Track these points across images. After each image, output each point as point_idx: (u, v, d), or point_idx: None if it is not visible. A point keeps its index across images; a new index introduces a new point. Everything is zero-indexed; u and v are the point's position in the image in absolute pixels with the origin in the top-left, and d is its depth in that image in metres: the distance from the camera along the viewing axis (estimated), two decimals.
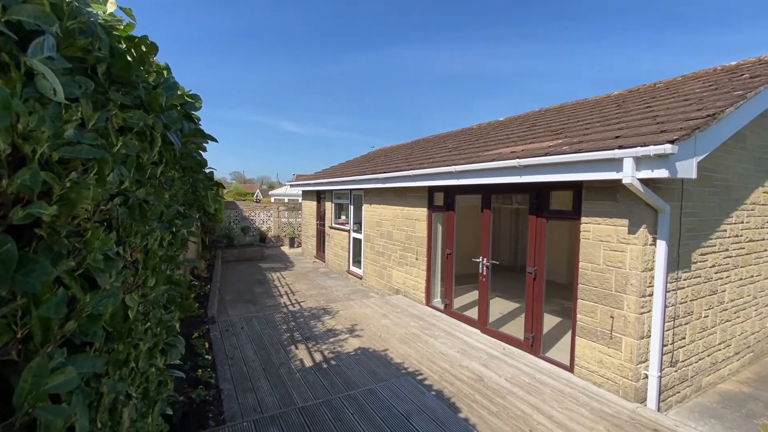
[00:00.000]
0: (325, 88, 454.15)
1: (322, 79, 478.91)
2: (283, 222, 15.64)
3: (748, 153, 4.67)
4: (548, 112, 7.42)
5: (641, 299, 3.59)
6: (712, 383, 4.49)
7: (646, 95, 5.42)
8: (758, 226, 4.99)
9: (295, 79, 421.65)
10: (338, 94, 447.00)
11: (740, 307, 4.81)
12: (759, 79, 4.08)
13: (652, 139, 3.16)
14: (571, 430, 3.20)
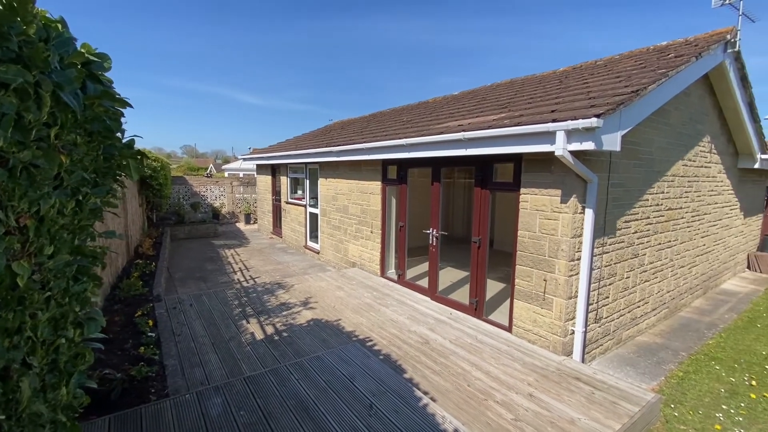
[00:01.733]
0: (286, 60, 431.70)
1: (283, 51, 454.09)
2: (237, 198, 15.10)
3: (671, 128, 5.09)
4: (499, 87, 7.59)
5: (570, 263, 3.90)
6: (631, 336, 5.04)
7: (586, 72, 5.68)
8: (677, 196, 5.52)
9: (256, 49, 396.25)
10: (300, 66, 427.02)
11: (658, 268, 5.37)
12: (682, 58, 4.40)
13: (582, 113, 3.36)
14: (504, 382, 3.50)
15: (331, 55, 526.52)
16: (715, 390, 3.81)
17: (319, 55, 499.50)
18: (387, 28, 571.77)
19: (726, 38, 4.99)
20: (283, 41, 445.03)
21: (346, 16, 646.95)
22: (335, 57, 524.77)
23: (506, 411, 3.07)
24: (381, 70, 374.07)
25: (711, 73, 5.47)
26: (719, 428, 3.22)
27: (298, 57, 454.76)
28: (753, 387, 3.87)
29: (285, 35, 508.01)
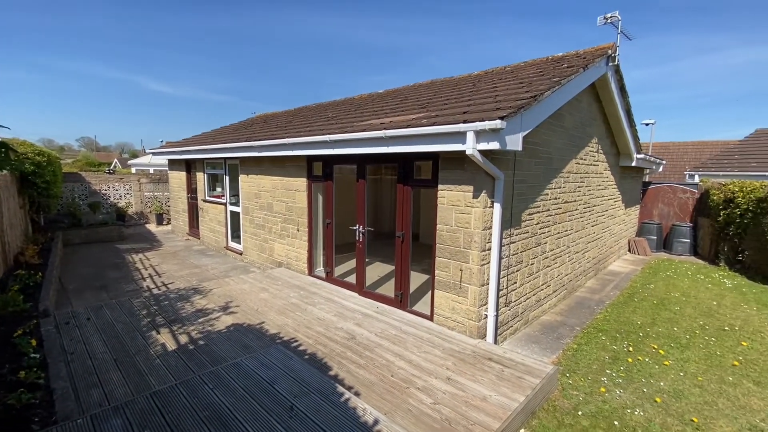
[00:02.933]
0: (202, 46, 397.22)
1: (200, 35, 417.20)
2: (147, 196, 13.67)
3: (565, 131, 5.74)
4: (420, 87, 7.88)
5: (482, 253, 4.22)
6: (536, 316, 5.62)
7: (495, 77, 6.16)
8: (571, 190, 6.26)
9: (168, 31, 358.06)
10: (213, 53, 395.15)
11: (557, 255, 6.05)
12: (573, 68, 4.99)
13: (488, 115, 3.64)
14: (425, 368, 3.68)
15: (253, 43, 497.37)
16: (601, 358, 4.42)
17: (238, 43, 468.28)
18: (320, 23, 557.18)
19: (608, 53, 5.77)
20: (187, 24, 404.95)
21: (270, 7, 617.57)
22: (257, 46, 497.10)
23: (426, 396, 3.23)
24: (311, 65, 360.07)
25: (597, 82, 6.28)
26: (604, 390, 3.74)
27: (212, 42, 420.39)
28: (630, 352, 4.56)
29: (209, 22, 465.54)
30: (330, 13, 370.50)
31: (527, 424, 3.20)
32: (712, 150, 19.31)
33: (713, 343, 4.78)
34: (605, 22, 5.85)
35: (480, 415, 2.97)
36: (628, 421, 3.24)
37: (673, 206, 10.88)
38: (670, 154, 21.77)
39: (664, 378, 3.94)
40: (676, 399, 3.56)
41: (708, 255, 9.61)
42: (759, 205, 7.68)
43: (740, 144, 13.84)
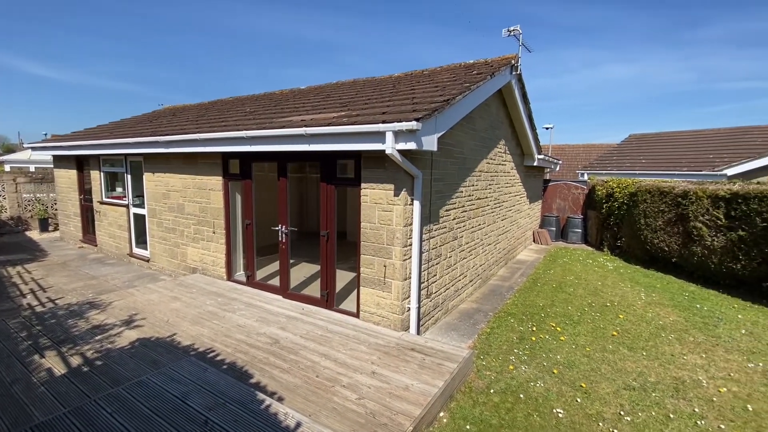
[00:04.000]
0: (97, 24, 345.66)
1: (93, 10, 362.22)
2: (26, 198, 11.62)
3: (477, 133, 6.21)
4: (343, 86, 7.88)
5: (404, 249, 4.39)
6: (455, 305, 6.01)
7: (414, 80, 6.43)
8: (483, 188, 6.80)
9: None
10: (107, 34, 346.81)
11: (473, 247, 6.53)
12: (482, 75, 5.41)
13: (406, 116, 3.79)
14: (351, 365, 3.72)
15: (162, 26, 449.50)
16: (510, 339, 4.89)
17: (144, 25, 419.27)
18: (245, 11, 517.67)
19: (511, 62, 6.36)
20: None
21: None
22: (168, 31, 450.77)
23: (351, 392, 3.27)
24: (229, 54, 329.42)
25: (503, 89, 6.90)
26: (512, 368, 4.15)
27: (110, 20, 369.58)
28: (534, 332, 5.11)
29: None
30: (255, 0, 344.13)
31: (446, 407, 3.41)
32: (599, 151, 22.41)
33: (598, 317, 5.59)
34: (509, 34, 6.44)
35: (402, 404, 3.10)
36: (531, 392, 3.65)
37: (568, 201, 12.43)
38: (566, 154, 24.75)
39: (560, 352, 4.50)
40: (569, 369, 4.10)
41: (595, 242, 11.16)
42: (631, 199, 9.13)
43: (617, 147, 16.32)
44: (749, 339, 4.80)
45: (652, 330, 5.10)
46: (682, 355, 4.37)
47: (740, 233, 6.24)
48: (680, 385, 3.76)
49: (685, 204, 7.30)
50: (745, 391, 3.64)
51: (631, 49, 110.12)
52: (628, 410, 3.36)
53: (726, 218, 6.50)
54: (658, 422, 3.20)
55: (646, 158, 13.91)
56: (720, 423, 3.18)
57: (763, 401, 3.49)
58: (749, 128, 13.53)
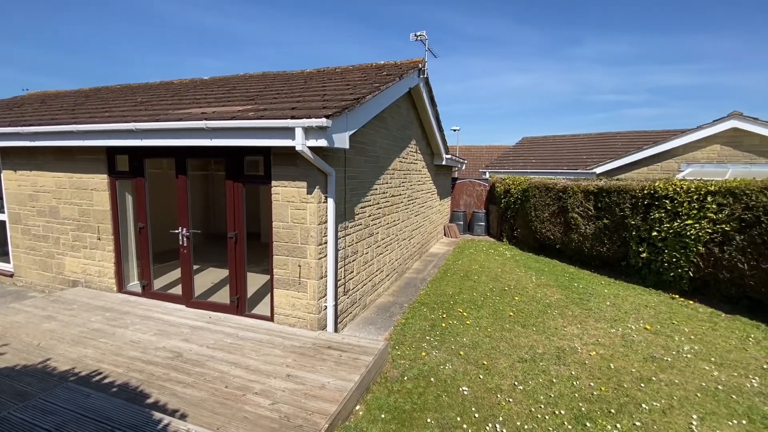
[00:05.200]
0: None
1: None
2: None
3: (389, 132, 6.41)
4: (251, 78, 7.48)
5: (319, 247, 4.35)
6: (373, 300, 6.14)
7: (326, 76, 6.38)
8: (397, 185, 7.05)
9: None
10: None
11: (388, 243, 6.74)
12: (391, 77, 5.59)
13: (316, 113, 3.75)
14: (264, 371, 3.57)
15: None
16: (423, 327, 5.16)
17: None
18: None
19: (419, 66, 6.69)
20: None
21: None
22: None
23: (264, 399, 3.14)
24: (128, 37, 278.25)
25: (412, 91, 7.22)
26: (424, 354, 4.39)
27: None
28: (444, 318, 5.47)
29: None
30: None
31: (362, 399, 3.48)
32: (500, 152, 24.81)
33: (498, 301, 6.20)
34: (416, 39, 6.76)
35: (318, 403, 3.08)
36: (441, 375, 3.91)
37: (473, 197, 13.54)
38: (472, 154, 26.92)
39: (466, 334, 4.89)
40: (474, 349, 4.48)
41: (496, 234, 12.35)
42: (524, 194, 10.30)
43: (513, 148, 18.28)
44: (612, 309, 5.78)
45: (541, 308, 5.84)
46: (563, 327, 5.09)
47: (605, 221, 7.48)
48: (561, 353, 4.37)
49: (564, 198, 8.48)
50: (609, 353, 4.38)
51: (526, 61, 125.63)
52: (521, 380, 3.80)
53: (595, 209, 7.73)
54: (544, 387, 3.68)
55: (536, 158, 15.82)
56: (590, 381, 3.78)
57: (622, 359, 4.24)
58: (614, 134, 16.24)
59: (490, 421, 3.17)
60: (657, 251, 6.51)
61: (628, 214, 6.92)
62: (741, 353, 4.36)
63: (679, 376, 3.87)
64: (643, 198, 6.65)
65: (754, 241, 5.23)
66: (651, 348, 4.49)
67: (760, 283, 5.22)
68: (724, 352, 4.40)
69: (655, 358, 4.24)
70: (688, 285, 6.23)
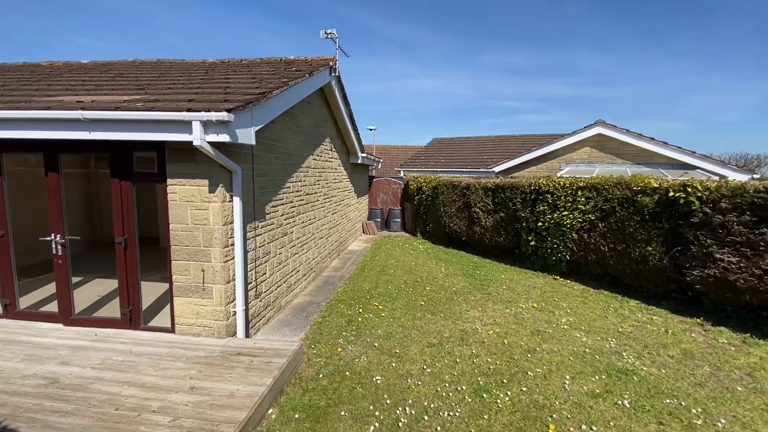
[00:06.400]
0: None
1: None
2: None
3: (301, 129, 6.30)
4: (142, 65, 6.70)
5: (225, 249, 4.11)
6: (289, 301, 6.00)
7: (230, 68, 6.03)
8: (312, 183, 6.97)
9: None
10: None
11: (304, 242, 6.64)
12: (300, 72, 5.50)
13: (216, 106, 3.53)
14: (164, 386, 3.27)
15: None
16: (339, 324, 5.21)
17: None
18: None
19: (330, 64, 6.69)
20: None
21: None
22: None
23: (164, 416, 2.89)
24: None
25: (324, 89, 7.20)
26: (340, 350, 4.44)
27: None
28: (360, 313, 5.59)
29: None
30: None
31: (276, 402, 3.41)
32: (413, 151, 25.96)
33: (411, 291, 6.54)
34: (326, 36, 6.75)
35: (226, 412, 2.93)
36: (356, 368, 4.00)
37: (389, 195, 14.00)
38: (389, 153, 27.74)
39: (381, 326, 5.07)
40: (388, 340, 4.67)
41: (411, 229, 12.95)
42: (434, 192, 10.97)
43: (424, 148, 19.32)
44: (508, 292, 6.50)
45: (448, 295, 6.31)
46: (467, 312, 5.59)
47: (501, 215, 8.36)
48: (465, 335, 4.80)
49: (468, 194, 9.26)
50: (503, 331, 4.93)
51: (436, 66, 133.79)
52: (429, 363, 4.08)
53: (493, 204, 8.58)
54: (449, 367, 4.01)
55: (444, 158, 16.94)
56: (488, 357, 4.22)
57: (513, 336, 4.80)
58: (509, 137, 18.13)
59: (400, 405, 3.35)
60: (542, 239, 7.49)
61: (519, 208, 7.84)
62: (603, 321, 5.27)
63: (558, 344, 4.54)
64: (531, 193, 7.59)
65: (611, 227, 6.34)
66: (537, 323, 5.17)
67: (617, 262, 6.36)
68: (591, 321, 5.27)
69: (539, 332, 4.89)
70: (566, 267, 7.30)
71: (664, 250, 5.61)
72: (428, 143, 19.97)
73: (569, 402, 3.40)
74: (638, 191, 5.90)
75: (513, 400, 3.43)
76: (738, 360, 4.17)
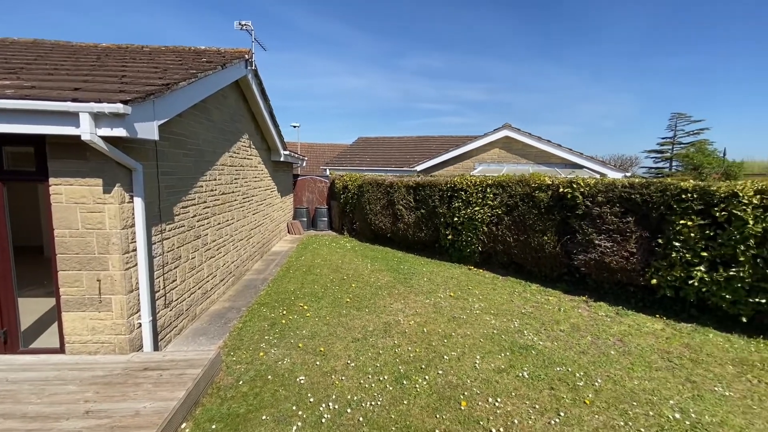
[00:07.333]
0: None
1: None
2: None
3: (214, 124, 5.92)
4: (15, 44, 5.70)
5: (125, 255, 3.72)
6: (205, 309, 5.62)
7: (129, 55, 5.44)
8: (228, 182, 6.60)
9: None
10: None
11: (221, 245, 6.26)
12: (212, 64, 5.18)
13: (109, 96, 3.18)
14: (52, 414, 2.88)
15: None
16: (262, 328, 5.04)
17: None
18: None
19: (245, 57, 6.39)
20: None
21: None
22: None
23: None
24: None
25: (241, 83, 6.86)
26: (262, 354, 4.30)
27: None
28: (284, 315, 5.46)
29: None
30: None
31: (191, 415, 3.20)
32: (339, 149, 25.89)
33: (337, 289, 6.57)
34: (241, 27, 6.43)
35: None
36: (278, 371, 3.92)
37: (315, 193, 13.81)
38: (314, 152, 27.27)
39: (306, 327, 5.02)
40: (313, 339, 4.65)
41: (338, 228, 12.94)
42: (360, 190, 11.11)
43: (350, 147, 19.42)
44: (428, 284, 6.88)
45: (373, 290, 6.48)
46: (390, 305, 5.80)
47: (422, 211, 8.79)
48: (388, 327, 4.98)
49: (392, 192, 9.56)
50: (423, 320, 5.22)
51: (359, 65, 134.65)
52: (353, 358, 4.17)
53: (414, 201, 8.98)
54: (373, 359, 4.14)
55: (370, 157, 17.21)
56: (409, 346, 4.44)
57: (432, 324, 5.11)
58: (429, 137, 19.05)
59: (324, 402, 3.38)
60: (458, 233, 8.06)
61: (438, 205, 8.33)
62: (509, 304, 5.87)
63: (471, 329, 4.95)
64: (447, 191, 8.12)
65: (515, 220, 7.07)
66: (453, 310, 5.57)
67: (520, 251, 7.11)
68: (499, 305, 5.83)
69: (455, 318, 5.29)
70: (479, 258, 7.96)
71: (557, 238, 6.43)
72: (354, 142, 20.10)
73: (479, 379, 3.74)
74: (536, 188, 6.67)
75: (430, 383, 3.67)
76: (612, 329, 4.96)
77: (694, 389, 3.60)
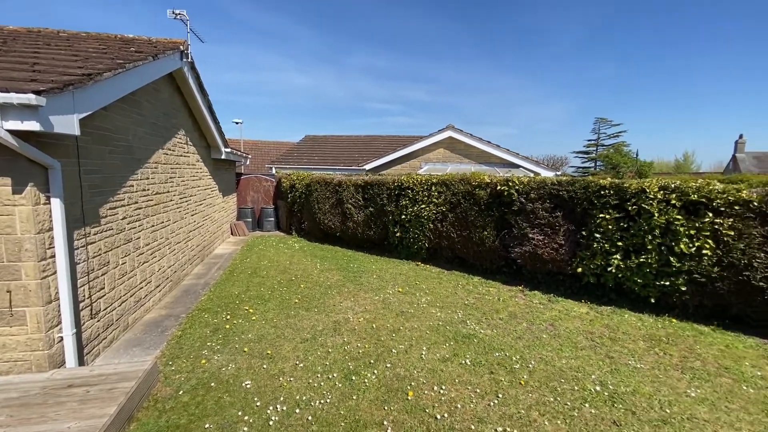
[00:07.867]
0: None
1: None
2: None
3: (145, 119, 5.51)
4: None
5: (42, 263, 3.35)
6: (138, 318, 5.22)
7: (43, 40, 4.88)
8: (163, 181, 6.17)
9: None
10: None
11: (156, 248, 5.85)
12: (141, 54, 4.81)
13: (19, 86, 2.86)
14: None
15: None
16: (203, 334, 4.80)
17: None
18: None
19: (180, 48, 6.01)
20: None
21: None
22: None
23: None
24: None
25: (175, 75, 6.44)
26: (204, 362, 4.10)
27: None
28: (228, 320, 5.24)
29: None
30: None
31: (125, 431, 2.98)
32: (286, 147, 25.19)
33: (285, 291, 6.43)
34: (174, 16, 6.04)
35: None
36: (222, 377, 3.78)
37: (261, 193, 13.35)
38: (259, 150, 26.28)
39: (252, 330, 4.87)
40: (259, 342, 4.53)
41: (286, 228, 12.63)
42: (308, 189, 10.93)
43: (297, 145, 19.01)
44: (378, 281, 6.99)
45: (323, 290, 6.44)
46: (340, 303, 5.81)
47: (371, 209, 8.88)
48: (337, 325, 4.99)
49: (340, 191, 9.54)
50: (372, 317, 5.31)
51: (307, 62, 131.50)
52: (302, 358, 4.13)
53: (363, 200, 9.05)
54: (322, 358, 4.14)
55: (318, 155, 16.99)
56: (358, 343, 4.49)
57: (381, 320, 5.21)
58: (378, 137, 19.22)
59: (271, 405, 3.32)
60: (406, 230, 8.27)
61: (386, 203, 8.47)
62: (454, 297, 6.15)
63: (418, 322, 5.12)
64: (395, 189, 8.28)
65: (458, 217, 7.42)
66: (402, 305, 5.72)
67: (463, 246, 7.47)
68: (444, 297, 6.09)
69: (403, 313, 5.43)
70: (426, 254, 8.23)
71: (495, 233, 6.84)
72: (301, 140, 19.70)
73: (425, 369, 3.90)
74: (476, 186, 7.05)
75: (379, 377, 3.75)
76: (545, 315, 5.40)
77: (612, 364, 4.05)
